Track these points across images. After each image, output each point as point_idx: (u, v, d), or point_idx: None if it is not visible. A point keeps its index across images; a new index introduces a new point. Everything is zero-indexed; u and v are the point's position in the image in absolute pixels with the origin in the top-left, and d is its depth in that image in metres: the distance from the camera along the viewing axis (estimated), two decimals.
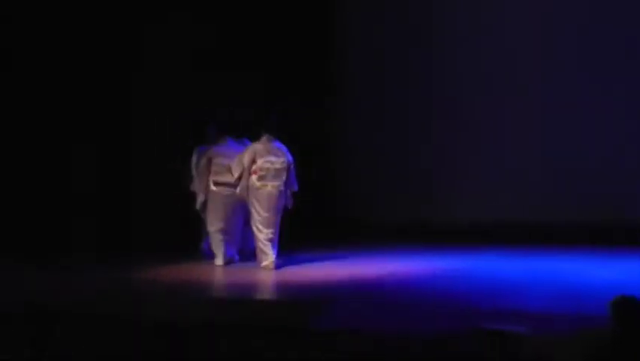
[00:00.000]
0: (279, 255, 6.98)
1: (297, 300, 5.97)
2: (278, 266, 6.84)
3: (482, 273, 7.23)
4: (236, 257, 7.10)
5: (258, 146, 6.73)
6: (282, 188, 6.70)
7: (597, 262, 7.76)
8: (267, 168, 6.64)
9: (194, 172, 7.14)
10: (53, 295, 5.38)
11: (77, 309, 5.00)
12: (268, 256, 6.67)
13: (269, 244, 6.70)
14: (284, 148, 6.83)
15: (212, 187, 6.97)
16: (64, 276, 6.64)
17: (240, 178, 6.62)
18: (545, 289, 6.40)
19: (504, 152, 10.21)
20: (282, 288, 6.61)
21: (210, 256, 7.17)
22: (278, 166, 6.69)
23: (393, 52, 10.47)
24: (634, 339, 3.87)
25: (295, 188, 6.93)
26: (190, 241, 7.71)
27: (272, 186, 6.64)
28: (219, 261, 6.91)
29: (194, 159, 7.16)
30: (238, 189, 6.69)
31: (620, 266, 7.47)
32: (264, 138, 6.72)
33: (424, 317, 5.36)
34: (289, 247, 7.52)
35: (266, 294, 6.62)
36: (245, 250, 7.14)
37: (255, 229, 6.72)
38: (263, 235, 6.66)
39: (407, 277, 7.15)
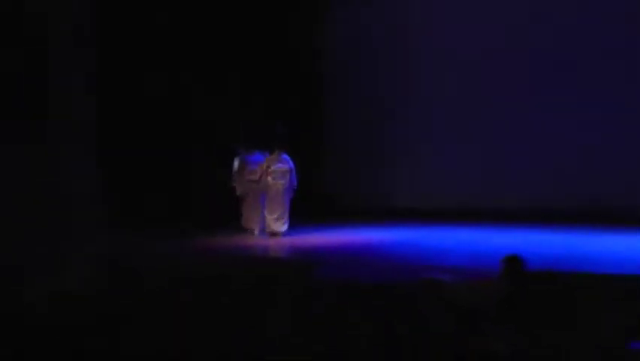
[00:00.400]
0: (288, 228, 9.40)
1: (299, 259, 8.12)
2: (285, 235, 9.28)
3: (426, 241, 9.11)
4: (260, 231, 9.42)
5: (271, 157, 9.30)
6: (286, 185, 9.24)
7: (517, 235, 9.15)
8: (277, 172, 9.19)
9: (234, 172, 9.43)
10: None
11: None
12: (273, 228, 9.18)
13: (274, 220, 9.19)
14: (287, 158, 9.34)
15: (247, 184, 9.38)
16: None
17: (260, 178, 9.20)
18: (467, 252, 8.13)
19: (467, 151, 11.16)
20: (286, 250, 8.97)
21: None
22: (284, 170, 9.24)
23: (369, 71, 11.60)
24: (517, 285, 4.99)
25: (295, 185, 9.37)
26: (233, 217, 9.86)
27: (280, 184, 9.20)
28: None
29: (235, 163, 9.44)
30: (260, 185, 9.22)
31: (533, 238, 8.95)
32: (276, 152, 9.28)
33: (383, 270, 7.19)
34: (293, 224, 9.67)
35: (273, 254, 8.85)
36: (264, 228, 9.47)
37: (266, 211, 9.28)
38: (271, 215, 9.23)
39: (372, 243, 9.17)
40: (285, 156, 9.42)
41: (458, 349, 4.04)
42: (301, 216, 10.00)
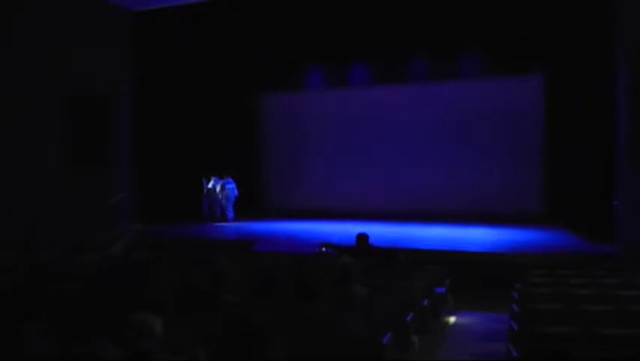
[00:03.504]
0: (234, 219, 12.86)
1: (245, 239, 10.92)
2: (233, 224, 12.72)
3: (321, 230, 11.97)
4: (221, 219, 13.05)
5: (223, 180, 12.97)
6: (233, 195, 12.91)
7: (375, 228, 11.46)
8: (228, 188, 12.85)
9: (205, 190, 13.21)
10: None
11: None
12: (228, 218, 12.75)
13: (228, 215, 12.79)
14: (231, 180, 12.99)
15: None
16: None
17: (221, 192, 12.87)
18: (345, 236, 10.14)
19: (346, 179, 14.22)
20: (237, 234, 11.99)
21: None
22: (231, 187, 12.93)
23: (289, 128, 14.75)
24: (362, 250, 6.78)
25: (237, 194, 13.05)
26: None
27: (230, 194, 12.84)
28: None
29: (205, 183, 13.17)
30: (222, 195, 12.94)
31: (385, 228, 11.77)
32: (224, 177, 12.91)
33: (293, 246, 9.65)
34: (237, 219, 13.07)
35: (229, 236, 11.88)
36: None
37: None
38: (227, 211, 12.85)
39: (288, 231, 12.07)
40: (230, 179, 13.28)
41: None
42: (245, 213, 13.35)
